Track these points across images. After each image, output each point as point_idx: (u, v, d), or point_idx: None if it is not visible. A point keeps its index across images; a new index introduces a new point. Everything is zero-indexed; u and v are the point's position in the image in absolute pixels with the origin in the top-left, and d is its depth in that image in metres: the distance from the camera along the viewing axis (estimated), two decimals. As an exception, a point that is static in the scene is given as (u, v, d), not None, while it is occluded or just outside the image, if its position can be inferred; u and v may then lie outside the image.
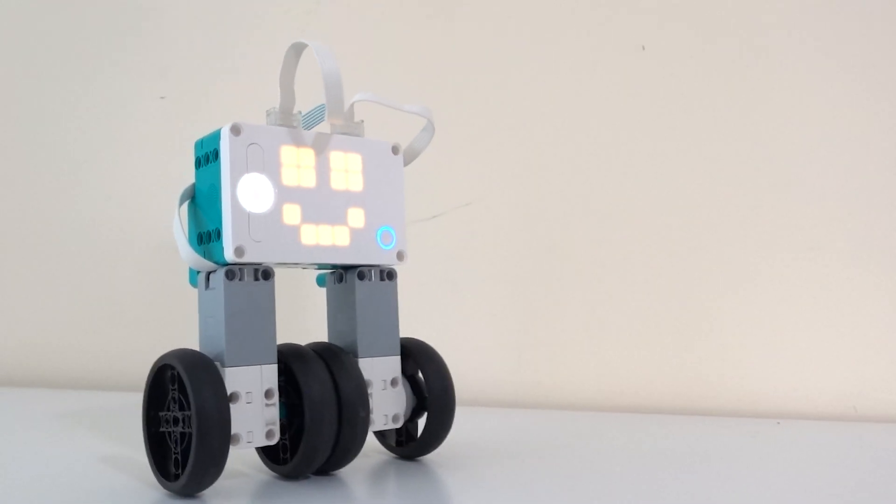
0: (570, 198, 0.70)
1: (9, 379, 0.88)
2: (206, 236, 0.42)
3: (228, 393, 0.39)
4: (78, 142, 0.88)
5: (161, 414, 0.40)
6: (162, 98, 0.83)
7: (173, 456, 0.39)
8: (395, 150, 0.46)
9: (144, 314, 0.84)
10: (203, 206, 0.42)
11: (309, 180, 0.43)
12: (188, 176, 0.43)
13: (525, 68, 0.72)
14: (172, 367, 0.40)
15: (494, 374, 0.71)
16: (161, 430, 0.40)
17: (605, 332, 0.69)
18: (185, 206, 0.43)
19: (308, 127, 0.44)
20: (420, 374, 0.47)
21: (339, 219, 0.43)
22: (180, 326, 0.80)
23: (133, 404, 0.68)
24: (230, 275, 0.40)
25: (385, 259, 0.45)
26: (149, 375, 0.41)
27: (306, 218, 0.42)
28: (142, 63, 0.86)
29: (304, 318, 0.64)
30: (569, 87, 0.70)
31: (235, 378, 0.40)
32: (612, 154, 0.69)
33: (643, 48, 0.67)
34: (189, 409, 0.38)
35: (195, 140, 0.43)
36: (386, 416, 0.45)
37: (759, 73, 0.65)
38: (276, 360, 0.41)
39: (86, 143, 0.88)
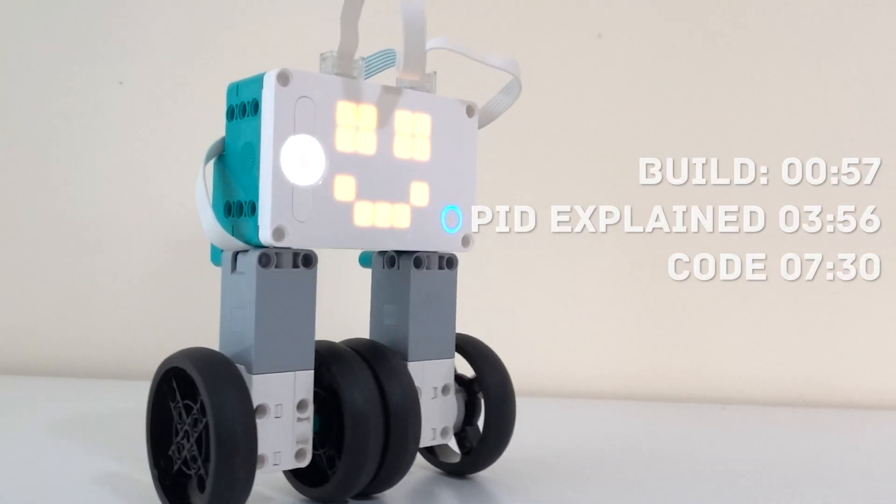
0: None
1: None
2: (236, 207, 0.33)
3: (255, 406, 0.32)
4: (41, 127, 0.75)
5: (171, 451, 0.33)
6: (120, 83, 0.71)
7: (196, 477, 0.32)
8: (469, 111, 0.37)
9: (112, 302, 0.73)
10: (235, 169, 0.33)
11: (368, 146, 0.34)
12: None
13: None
14: (181, 371, 0.32)
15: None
16: (175, 468, 0.33)
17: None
18: (212, 165, 0.34)
19: (368, 76, 0.35)
20: (469, 375, 0.40)
21: (400, 195, 0.35)
22: (150, 316, 0.71)
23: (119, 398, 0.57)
24: (264, 260, 0.32)
25: (449, 245, 0.37)
26: (151, 386, 0.33)
27: (362, 193, 0.34)
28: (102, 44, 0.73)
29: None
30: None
31: (264, 387, 0.32)
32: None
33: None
34: (198, 408, 0.31)
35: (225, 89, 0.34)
36: (434, 429, 0.38)
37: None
38: (312, 366, 0.34)
39: (52, 130, 0.75)
